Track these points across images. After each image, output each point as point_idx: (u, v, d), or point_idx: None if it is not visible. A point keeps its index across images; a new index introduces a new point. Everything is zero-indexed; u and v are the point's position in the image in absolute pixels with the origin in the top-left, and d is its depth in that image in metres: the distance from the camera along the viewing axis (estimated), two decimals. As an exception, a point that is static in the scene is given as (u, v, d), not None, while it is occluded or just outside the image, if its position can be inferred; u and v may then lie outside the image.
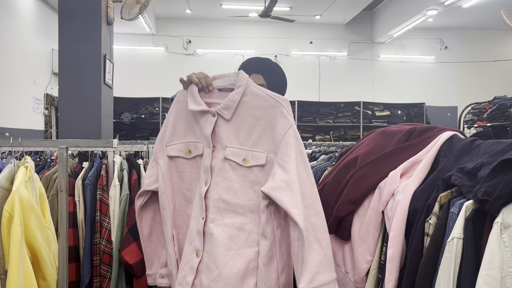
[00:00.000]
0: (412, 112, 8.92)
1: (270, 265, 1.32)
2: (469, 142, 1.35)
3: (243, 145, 1.39)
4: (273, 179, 1.29)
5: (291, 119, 1.37)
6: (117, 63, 8.06)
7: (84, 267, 1.98)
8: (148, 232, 1.50)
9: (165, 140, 1.48)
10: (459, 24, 9.19)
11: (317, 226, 1.31)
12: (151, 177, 1.45)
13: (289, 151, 1.31)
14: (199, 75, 1.47)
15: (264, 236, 1.31)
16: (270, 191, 1.27)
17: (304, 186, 1.32)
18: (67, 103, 4.04)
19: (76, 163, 2.27)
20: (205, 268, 1.34)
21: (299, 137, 1.36)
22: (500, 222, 0.95)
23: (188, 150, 1.46)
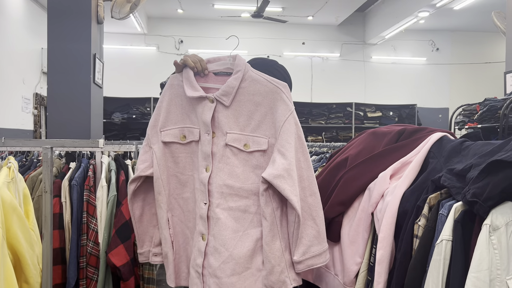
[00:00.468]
0: (404, 113, 8.95)
1: (273, 243, 1.37)
2: (459, 143, 1.34)
3: (243, 130, 1.40)
4: (273, 166, 1.33)
5: (291, 105, 1.39)
6: (108, 63, 8.00)
7: (70, 270, 1.95)
8: (139, 214, 1.50)
9: (158, 125, 1.47)
10: (450, 26, 9.25)
11: (312, 205, 1.39)
12: (145, 162, 1.45)
13: (289, 138, 1.34)
14: (194, 59, 1.45)
15: (264, 217, 1.36)
16: (272, 178, 1.32)
17: (301, 170, 1.38)
18: (56, 102, 3.99)
19: (63, 163, 2.24)
20: (212, 251, 1.39)
21: (298, 123, 1.40)
22: (489, 224, 0.94)
23: (183, 135, 1.46)
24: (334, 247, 1.60)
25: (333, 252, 1.61)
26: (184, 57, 1.47)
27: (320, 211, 1.43)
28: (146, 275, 2.12)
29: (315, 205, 1.40)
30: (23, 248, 1.35)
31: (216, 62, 1.47)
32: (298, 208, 1.33)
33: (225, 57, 1.45)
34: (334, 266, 1.59)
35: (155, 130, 1.46)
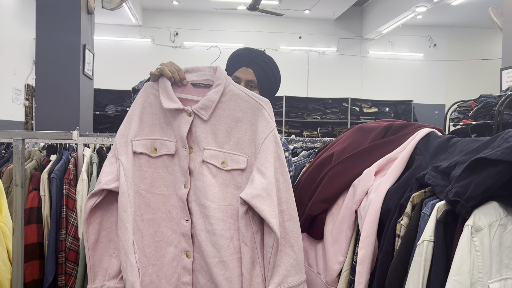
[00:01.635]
0: (400, 109, 8.91)
1: (253, 270, 1.28)
2: (445, 140, 1.30)
3: (221, 147, 1.32)
4: (252, 185, 1.25)
5: (273, 122, 1.31)
6: (102, 54, 7.92)
7: (48, 265, 1.90)
8: (94, 239, 1.32)
9: (129, 134, 1.34)
10: (448, 22, 9.19)
11: (290, 230, 1.30)
12: (109, 175, 1.29)
13: (269, 157, 1.26)
14: (172, 68, 1.36)
15: (244, 242, 1.27)
16: (250, 198, 1.23)
17: (280, 192, 1.29)
18: (44, 93, 3.93)
19: (44, 155, 2.18)
20: (199, 268, 1.32)
21: (279, 141, 1.31)
22: (471, 225, 0.89)
23: (154, 148, 1.35)
24: (317, 245, 1.56)
25: (316, 250, 1.56)
26: (161, 65, 1.37)
27: (299, 238, 1.32)
28: (127, 271, 2.07)
29: (293, 230, 1.30)
30: (-10, 243, 1.30)
31: (195, 72, 1.38)
32: (278, 231, 1.23)
33: (205, 68, 1.37)
34: (317, 265, 1.55)
35: (124, 139, 1.33)
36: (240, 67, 1.71)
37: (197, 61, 8.76)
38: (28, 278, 1.86)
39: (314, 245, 1.58)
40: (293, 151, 3.09)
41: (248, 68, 1.70)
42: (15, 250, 1.37)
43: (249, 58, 1.72)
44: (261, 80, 1.70)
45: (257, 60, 1.72)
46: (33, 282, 1.89)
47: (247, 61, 1.71)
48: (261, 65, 1.72)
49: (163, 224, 1.34)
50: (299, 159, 2.72)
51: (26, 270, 1.84)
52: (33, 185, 1.96)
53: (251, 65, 1.71)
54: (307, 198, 1.62)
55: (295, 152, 3.04)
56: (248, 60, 1.72)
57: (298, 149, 3.09)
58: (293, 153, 3.01)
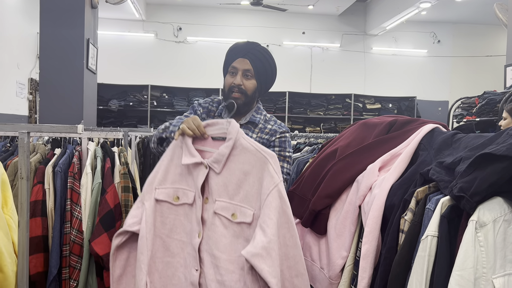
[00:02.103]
0: (403, 105, 8.89)
1: None
2: (450, 136, 1.30)
3: (232, 199, 1.35)
4: (253, 244, 1.25)
5: (278, 177, 1.31)
6: (106, 49, 7.91)
7: (52, 258, 1.91)
8: (119, 274, 1.43)
9: (155, 182, 1.42)
10: (452, 18, 9.14)
11: (298, 287, 1.31)
12: (134, 218, 1.38)
13: (271, 214, 1.26)
14: (192, 125, 1.39)
15: None
16: (250, 257, 1.23)
17: (287, 248, 1.29)
18: (48, 88, 3.94)
19: (48, 149, 2.19)
20: None
21: (284, 196, 1.30)
22: (475, 220, 0.89)
23: (177, 196, 1.40)
24: (320, 240, 1.56)
25: (319, 245, 1.57)
26: (184, 122, 1.41)
27: None
28: (131, 265, 2.08)
29: (301, 287, 1.31)
30: (-4, 235, 1.31)
31: (214, 126, 1.41)
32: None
33: (223, 121, 1.39)
34: (320, 260, 1.55)
35: (150, 187, 1.41)
36: (237, 58, 1.75)
37: (200, 56, 8.76)
38: (32, 271, 1.88)
39: (317, 240, 1.58)
40: (296, 147, 3.10)
41: (245, 58, 1.74)
42: (20, 242, 1.38)
43: (246, 49, 1.77)
44: (257, 69, 1.75)
45: (253, 51, 1.76)
46: (37, 274, 1.90)
47: (243, 52, 1.76)
48: (257, 55, 1.76)
49: (180, 269, 1.39)
50: (302, 154, 2.72)
51: (31, 262, 1.86)
52: (38, 178, 1.97)
53: (247, 55, 1.75)
54: (311, 193, 1.62)
55: (298, 147, 3.05)
56: (244, 51, 1.76)
57: (301, 145, 3.09)
58: (297, 149, 3.01)
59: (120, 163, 2.19)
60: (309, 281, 1.38)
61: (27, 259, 1.40)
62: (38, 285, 1.93)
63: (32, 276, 1.88)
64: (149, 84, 8.14)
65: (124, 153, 2.25)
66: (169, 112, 8.25)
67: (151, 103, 8.14)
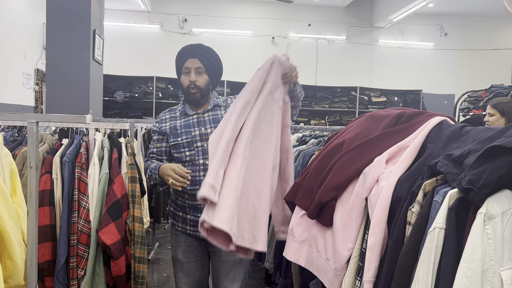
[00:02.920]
0: (409, 99, 8.84)
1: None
2: (458, 128, 1.29)
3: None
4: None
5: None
6: (111, 40, 7.91)
7: (60, 247, 1.93)
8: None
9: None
10: (459, 11, 9.05)
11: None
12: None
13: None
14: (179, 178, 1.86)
15: None
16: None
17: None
18: (54, 78, 3.95)
19: (56, 139, 2.20)
20: None
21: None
22: (483, 213, 0.89)
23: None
24: (326, 231, 1.57)
25: (325, 237, 1.57)
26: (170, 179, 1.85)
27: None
28: (138, 254, 2.10)
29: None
30: (6, 224, 1.32)
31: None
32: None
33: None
34: (326, 251, 1.56)
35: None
36: (187, 58, 1.99)
37: (206, 48, 8.73)
38: (41, 259, 1.90)
39: (323, 232, 1.59)
40: (302, 139, 3.09)
41: (194, 58, 1.98)
42: (29, 231, 1.40)
43: (193, 50, 2.01)
44: (207, 66, 2.00)
45: (200, 50, 2.00)
46: (46, 263, 1.93)
47: (192, 53, 1.99)
48: (204, 54, 2.00)
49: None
50: (308, 147, 2.72)
51: (39, 251, 1.88)
52: (46, 168, 1.99)
53: (196, 55, 1.99)
54: (317, 185, 1.62)
55: (304, 140, 3.05)
56: (193, 52, 2.00)
57: (307, 137, 3.09)
58: (302, 141, 3.01)
59: (127, 154, 2.20)
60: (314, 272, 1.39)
61: (36, 247, 1.42)
62: (47, 273, 1.96)
63: (41, 265, 1.90)
64: (155, 76, 8.14)
65: (131, 144, 2.27)
66: (174, 104, 8.25)
67: (156, 95, 8.14)
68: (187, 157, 1.94)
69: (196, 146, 1.94)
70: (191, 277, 2.00)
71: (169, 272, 3.90)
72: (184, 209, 1.98)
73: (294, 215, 1.69)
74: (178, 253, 2.00)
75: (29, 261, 1.40)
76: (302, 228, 1.66)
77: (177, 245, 2.01)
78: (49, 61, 3.95)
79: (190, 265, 1.99)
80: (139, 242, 2.11)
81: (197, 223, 1.86)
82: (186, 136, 1.96)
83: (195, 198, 1.89)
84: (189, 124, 1.99)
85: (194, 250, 2.00)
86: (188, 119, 2.01)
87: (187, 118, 2.01)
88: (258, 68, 1.76)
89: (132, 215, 2.11)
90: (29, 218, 1.39)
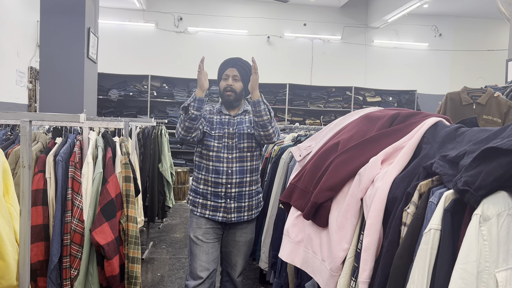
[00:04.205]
0: (403, 99, 8.88)
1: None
2: (454, 129, 1.29)
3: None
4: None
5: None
6: (106, 39, 7.87)
7: (53, 246, 1.92)
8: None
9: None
10: (454, 12, 9.09)
11: None
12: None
13: None
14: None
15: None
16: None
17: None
18: (48, 76, 3.92)
19: (49, 138, 2.18)
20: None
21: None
22: (479, 214, 0.89)
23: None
24: (321, 232, 1.57)
25: (320, 237, 1.57)
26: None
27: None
28: (131, 254, 2.09)
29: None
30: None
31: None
32: None
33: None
34: (321, 252, 1.56)
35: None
36: (227, 68, 2.45)
37: (201, 47, 8.71)
38: (33, 259, 1.88)
39: (318, 233, 1.58)
40: (297, 139, 3.09)
41: (233, 68, 2.44)
42: (22, 231, 1.38)
43: (233, 62, 2.47)
44: (243, 75, 2.43)
45: (238, 62, 2.46)
46: (38, 262, 1.91)
47: (232, 64, 2.46)
48: (241, 65, 2.45)
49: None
50: (303, 146, 2.71)
51: (32, 251, 1.86)
52: (39, 167, 1.97)
53: (235, 66, 2.44)
54: (313, 185, 1.62)
55: (299, 140, 3.04)
56: (232, 63, 2.46)
57: (302, 137, 3.09)
58: (298, 141, 3.00)
59: (122, 153, 2.19)
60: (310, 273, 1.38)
61: (28, 247, 1.40)
62: (39, 273, 1.94)
63: (33, 265, 1.88)
64: (149, 74, 8.11)
65: (125, 143, 2.25)
66: (169, 103, 8.23)
67: (151, 93, 8.12)
68: (215, 147, 2.34)
69: (224, 141, 2.35)
70: (210, 256, 2.36)
71: (163, 272, 3.89)
72: (205, 196, 2.36)
73: (289, 216, 1.69)
74: (198, 234, 2.35)
75: (22, 261, 1.38)
76: (298, 229, 1.66)
77: (198, 227, 2.37)
78: (43, 59, 3.91)
79: (210, 245, 2.36)
80: (133, 242, 2.10)
81: (216, 208, 2.34)
82: (219, 131, 2.36)
83: (217, 185, 2.32)
84: (223, 122, 2.40)
85: (213, 232, 2.38)
86: (222, 117, 2.42)
87: (222, 117, 2.43)
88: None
89: (126, 215, 2.10)
90: (21, 218, 1.37)
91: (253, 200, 2.43)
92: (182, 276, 3.80)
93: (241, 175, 2.34)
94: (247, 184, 2.38)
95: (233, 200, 2.34)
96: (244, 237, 2.45)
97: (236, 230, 2.42)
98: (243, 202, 2.37)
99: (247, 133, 2.37)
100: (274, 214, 2.64)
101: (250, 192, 2.40)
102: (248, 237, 2.47)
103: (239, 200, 2.36)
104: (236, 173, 2.33)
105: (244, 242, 2.46)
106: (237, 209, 2.36)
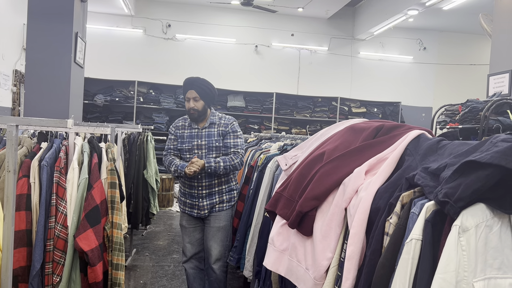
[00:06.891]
0: (388, 110, 9.00)
1: None
2: (435, 142, 1.33)
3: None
4: None
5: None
6: (93, 43, 7.83)
7: (36, 252, 1.89)
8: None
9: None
10: (438, 26, 9.30)
11: None
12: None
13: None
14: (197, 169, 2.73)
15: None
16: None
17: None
18: (34, 80, 3.88)
19: (35, 143, 2.17)
20: None
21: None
22: (458, 225, 0.92)
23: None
24: (306, 241, 1.58)
25: (305, 246, 1.59)
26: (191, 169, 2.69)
27: None
28: (115, 261, 2.07)
29: None
30: (-19, 229, 1.29)
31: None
32: None
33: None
34: (306, 260, 1.57)
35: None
36: (187, 90, 2.79)
37: (188, 54, 8.73)
38: (15, 265, 1.86)
39: (303, 241, 1.60)
40: (284, 148, 3.12)
41: (192, 90, 2.77)
42: (5, 236, 1.37)
43: (191, 83, 2.78)
44: (201, 94, 2.77)
45: (196, 83, 2.78)
46: (20, 268, 1.88)
47: (190, 85, 2.78)
48: (198, 85, 2.78)
49: None
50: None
51: (14, 256, 1.83)
52: (23, 172, 1.95)
53: (193, 87, 2.77)
54: (298, 195, 1.64)
55: (286, 149, 3.07)
56: (190, 85, 2.78)
57: (288, 146, 3.12)
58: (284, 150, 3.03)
59: (108, 159, 2.18)
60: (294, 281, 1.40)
61: (11, 253, 1.39)
62: (21, 279, 1.91)
63: (15, 271, 1.86)
64: (136, 80, 8.08)
65: (111, 149, 2.24)
66: (156, 109, 8.21)
67: (137, 99, 8.08)
68: (187, 158, 2.80)
69: (194, 152, 2.78)
70: (192, 238, 2.89)
71: (145, 279, 3.85)
72: (185, 195, 2.86)
73: (275, 225, 1.70)
74: (183, 221, 2.91)
75: (4, 267, 1.37)
76: (283, 238, 1.67)
77: (183, 217, 2.93)
78: (29, 63, 3.88)
79: (191, 229, 2.88)
80: (117, 248, 2.08)
81: (192, 206, 2.83)
82: (187, 144, 2.81)
83: (191, 188, 2.80)
84: (192, 135, 2.82)
85: (193, 220, 2.89)
86: (191, 131, 2.83)
87: (191, 130, 2.84)
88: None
89: (111, 221, 2.08)
90: (5, 223, 1.36)
91: (223, 196, 2.86)
92: (165, 284, 3.77)
93: (210, 179, 2.78)
94: (216, 185, 2.81)
95: (205, 199, 2.80)
96: (217, 223, 2.82)
97: (210, 218, 2.83)
98: (214, 199, 2.83)
99: (216, 146, 2.79)
100: (259, 223, 2.65)
101: (220, 190, 2.84)
102: (221, 223, 2.83)
103: (210, 198, 2.81)
104: (205, 177, 2.77)
105: (217, 228, 2.82)
106: (209, 206, 2.82)
